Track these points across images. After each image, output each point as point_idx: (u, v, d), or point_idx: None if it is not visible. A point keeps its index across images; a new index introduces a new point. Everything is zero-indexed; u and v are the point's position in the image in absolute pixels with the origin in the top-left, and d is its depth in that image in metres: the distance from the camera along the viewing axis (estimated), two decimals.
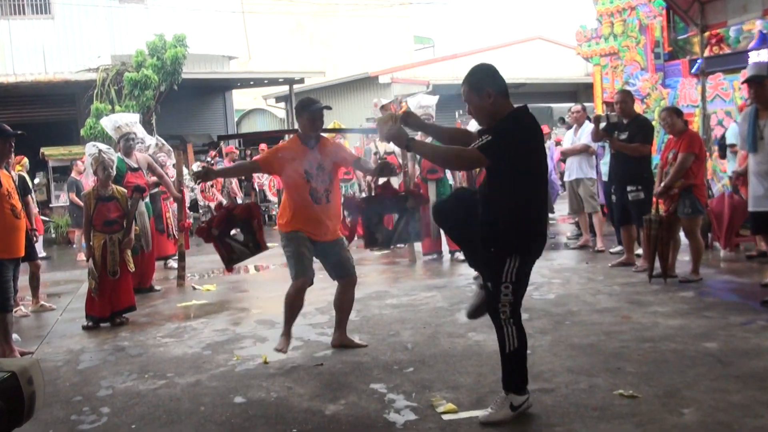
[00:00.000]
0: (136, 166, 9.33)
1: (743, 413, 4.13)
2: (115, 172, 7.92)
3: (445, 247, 10.52)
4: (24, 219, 6.69)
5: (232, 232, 6.00)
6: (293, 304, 5.89)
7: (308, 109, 5.79)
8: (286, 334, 5.89)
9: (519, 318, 4.28)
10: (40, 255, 14.88)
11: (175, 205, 10.42)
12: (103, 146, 8.00)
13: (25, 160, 15.18)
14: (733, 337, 5.68)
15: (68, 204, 14.80)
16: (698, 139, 7.97)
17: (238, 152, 20.49)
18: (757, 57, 11.19)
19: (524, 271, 4.28)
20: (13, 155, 7.48)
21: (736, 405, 4.28)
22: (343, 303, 6.13)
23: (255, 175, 16.90)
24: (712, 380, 4.69)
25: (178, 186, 10.02)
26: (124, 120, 9.83)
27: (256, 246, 5.98)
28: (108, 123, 9.90)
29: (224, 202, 16.39)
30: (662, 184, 7.81)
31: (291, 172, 5.77)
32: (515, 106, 4.36)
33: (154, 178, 9.79)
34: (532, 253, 4.29)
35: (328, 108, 5.92)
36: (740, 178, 8.59)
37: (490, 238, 4.21)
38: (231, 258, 5.99)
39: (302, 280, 5.81)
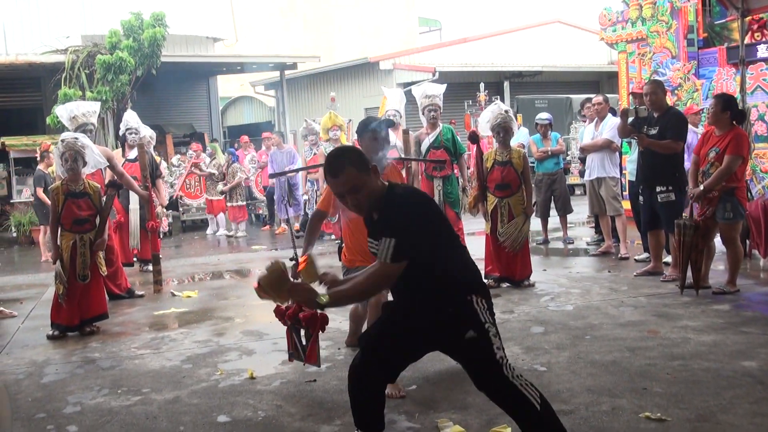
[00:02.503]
0: (105, 162, 9.27)
1: None
2: (85, 165, 7.88)
3: None
4: None
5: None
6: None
7: (369, 128, 5.65)
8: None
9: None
10: None
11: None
12: (69, 135, 7.97)
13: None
14: None
15: (34, 200, 14.79)
16: (747, 140, 7.90)
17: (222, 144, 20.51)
18: None
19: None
20: None
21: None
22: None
23: (243, 170, 16.94)
24: (752, 403, 4.69)
25: (144, 183, 9.94)
26: (81, 109, 9.79)
27: (302, 356, 5.36)
28: (63, 112, 9.87)
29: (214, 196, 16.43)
30: (702, 186, 7.77)
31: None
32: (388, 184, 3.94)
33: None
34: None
35: (390, 124, 5.75)
36: None
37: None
38: (291, 353, 5.50)
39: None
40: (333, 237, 14.13)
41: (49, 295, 8.32)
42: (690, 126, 10.02)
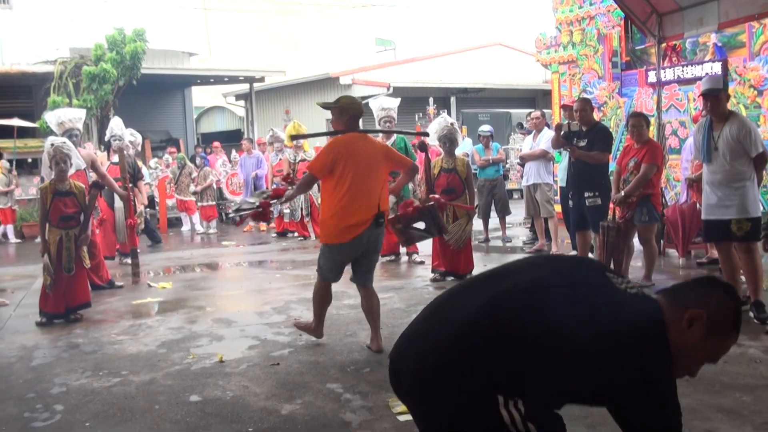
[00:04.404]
0: (83, 164, 9.16)
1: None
2: (70, 167, 7.79)
3: (402, 249, 10.56)
4: None
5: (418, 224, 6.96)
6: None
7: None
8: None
9: None
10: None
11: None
12: (57, 140, 7.88)
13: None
14: None
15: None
16: (661, 151, 8.09)
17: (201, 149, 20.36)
18: (710, 70, 11.41)
19: None
20: None
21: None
22: None
23: (213, 171, 16.83)
24: None
25: (124, 184, 9.85)
26: (68, 115, 9.66)
27: (439, 231, 7.34)
28: (51, 118, 9.73)
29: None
30: (623, 192, 7.90)
31: None
32: None
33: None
34: None
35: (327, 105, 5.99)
36: (694, 185, 8.74)
37: None
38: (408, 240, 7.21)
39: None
40: (296, 234, 14.10)
41: (38, 285, 8.21)
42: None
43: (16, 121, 17.54)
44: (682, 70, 11.79)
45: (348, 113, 5.92)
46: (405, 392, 2.66)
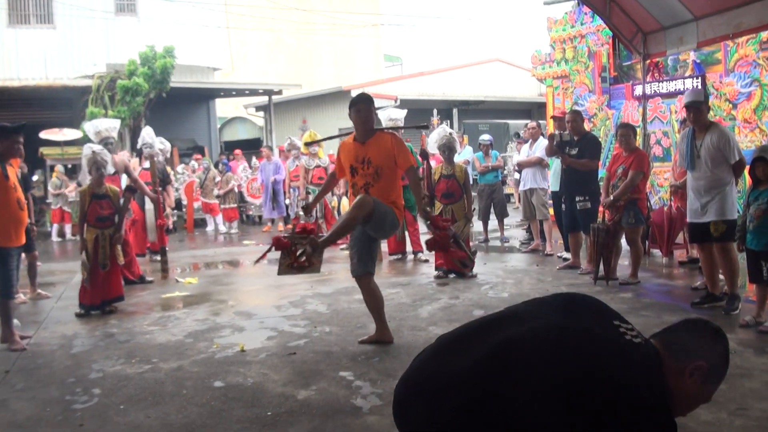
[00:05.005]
0: (113, 169, 9.22)
1: None
2: (107, 172, 7.85)
3: (409, 248, 10.57)
4: (25, 211, 6.58)
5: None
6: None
7: (351, 104, 5.83)
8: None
9: None
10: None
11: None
12: (96, 147, 7.93)
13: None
14: None
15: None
16: (647, 159, 8.12)
17: (224, 157, 20.41)
18: (688, 85, 11.36)
19: None
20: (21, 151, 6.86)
21: None
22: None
23: (235, 176, 16.88)
24: None
25: (154, 187, 9.89)
26: (104, 125, 9.71)
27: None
28: (90, 128, 9.76)
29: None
30: (611, 197, 7.91)
31: (343, 166, 5.98)
32: None
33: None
34: None
35: (368, 100, 5.91)
36: (679, 191, 8.74)
37: None
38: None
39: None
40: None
41: (77, 280, 8.26)
42: None
43: (71, 133, 17.64)
44: (659, 85, 11.76)
45: (376, 114, 6.01)
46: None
